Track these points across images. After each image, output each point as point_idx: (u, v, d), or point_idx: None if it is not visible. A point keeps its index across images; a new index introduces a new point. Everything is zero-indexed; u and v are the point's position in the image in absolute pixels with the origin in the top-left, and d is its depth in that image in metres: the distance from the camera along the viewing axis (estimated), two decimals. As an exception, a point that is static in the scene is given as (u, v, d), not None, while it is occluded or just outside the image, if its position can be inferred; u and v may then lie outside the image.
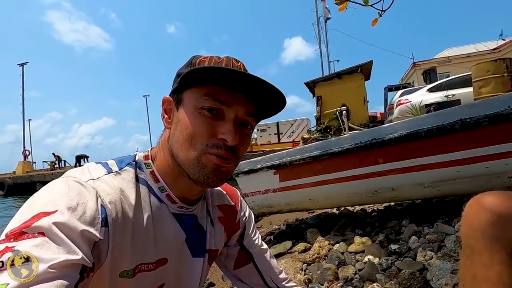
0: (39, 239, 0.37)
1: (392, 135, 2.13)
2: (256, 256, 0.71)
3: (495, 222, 0.58)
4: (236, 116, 0.51)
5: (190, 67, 0.52)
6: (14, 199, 15.47)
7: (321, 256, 2.30)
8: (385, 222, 2.64)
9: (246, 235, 0.72)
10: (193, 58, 0.54)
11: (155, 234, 0.53)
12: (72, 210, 0.41)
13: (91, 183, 0.47)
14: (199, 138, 0.50)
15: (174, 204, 0.56)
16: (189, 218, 0.59)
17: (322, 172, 2.56)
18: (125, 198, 0.49)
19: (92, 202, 0.44)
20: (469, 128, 1.86)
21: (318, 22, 15.96)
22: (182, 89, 0.52)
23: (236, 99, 0.51)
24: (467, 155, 1.91)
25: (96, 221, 0.43)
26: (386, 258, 1.91)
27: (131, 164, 0.55)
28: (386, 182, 2.27)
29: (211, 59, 0.53)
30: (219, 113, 0.51)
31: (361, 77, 5.93)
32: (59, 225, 0.39)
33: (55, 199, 0.42)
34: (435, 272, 1.48)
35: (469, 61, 14.50)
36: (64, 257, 0.37)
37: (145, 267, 0.52)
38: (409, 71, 18.75)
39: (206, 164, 0.51)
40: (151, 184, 0.55)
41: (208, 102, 0.50)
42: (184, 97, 0.52)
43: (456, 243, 1.76)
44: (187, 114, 0.51)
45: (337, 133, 5.66)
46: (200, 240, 0.62)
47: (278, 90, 0.51)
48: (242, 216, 0.72)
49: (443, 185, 2.10)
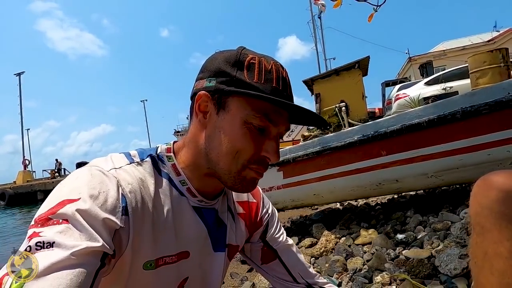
0: (63, 226, 0.39)
1: (394, 127, 2.16)
2: (281, 252, 0.70)
3: (503, 199, 0.60)
4: (278, 132, 0.53)
5: (236, 68, 0.50)
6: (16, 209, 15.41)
7: (329, 249, 2.32)
8: (389, 214, 2.66)
9: (269, 231, 0.71)
10: (241, 55, 0.51)
11: (176, 226, 0.53)
12: (94, 198, 0.42)
13: (113, 172, 0.48)
14: (245, 154, 0.51)
15: (194, 198, 0.56)
16: (210, 211, 0.60)
17: (326, 166, 2.58)
18: (145, 189, 0.50)
19: (113, 190, 0.45)
20: (470, 116, 1.89)
21: (313, 20, 16.01)
22: (228, 93, 0.50)
23: (282, 118, 0.52)
24: (469, 143, 1.94)
25: (117, 209, 0.44)
26: (393, 248, 1.93)
27: (152, 156, 0.55)
28: (389, 173, 2.29)
29: (260, 63, 0.51)
30: (266, 131, 0.52)
31: (358, 73, 5.97)
32: (81, 212, 0.40)
33: (79, 187, 0.44)
34: (443, 258, 1.50)
35: (464, 53, 14.57)
36: (86, 244, 0.38)
37: (169, 260, 0.52)
38: (405, 66, 18.83)
39: (246, 176, 0.53)
40: (172, 177, 0.55)
41: (260, 120, 0.50)
42: (229, 103, 0.50)
43: (462, 230, 1.78)
44: (233, 125, 0.50)
45: (337, 129, 5.69)
46: (221, 234, 0.62)
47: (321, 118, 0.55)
48: (265, 213, 0.72)
49: (447, 174, 2.12)
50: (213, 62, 0.53)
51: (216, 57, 0.54)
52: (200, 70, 0.55)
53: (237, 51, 0.52)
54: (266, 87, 0.49)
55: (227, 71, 0.50)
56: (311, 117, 0.54)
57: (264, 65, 0.51)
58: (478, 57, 4.47)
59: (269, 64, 0.51)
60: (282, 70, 0.53)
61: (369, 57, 5.99)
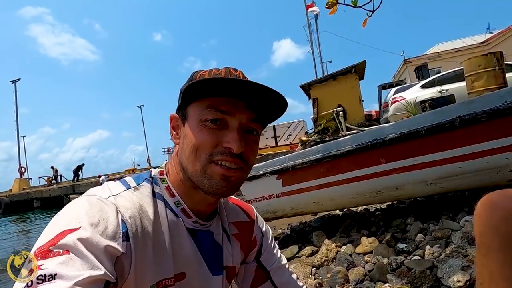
0: (64, 257, 0.39)
1: (393, 134, 2.16)
2: (274, 273, 0.69)
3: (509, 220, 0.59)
4: (240, 123, 0.52)
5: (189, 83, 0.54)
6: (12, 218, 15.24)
7: (329, 259, 2.31)
8: (389, 221, 2.65)
9: (264, 251, 0.71)
10: (194, 74, 0.56)
11: (173, 248, 0.53)
12: (95, 226, 0.43)
13: (112, 200, 0.48)
14: (204, 149, 0.51)
15: (189, 219, 0.57)
16: (205, 234, 0.60)
17: (325, 174, 2.57)
18: (144, 213, 0.50)
19: (113, 217, 0.45)
20: (468, 124, 1.90)
21: (309, 24, 16.12)
22: (186, 104, 0.54)
23: (238, 107, 0.52)
24: (468, 151, 1.94)
25: (117, 235, 0.44)
26: (394, 257, 1.92)
27: (148, 180, 0.56)
28: (389, 181, 2.29)
29: (210, 72, 0.54)
30: (223, 123, 0.52)
31: (355, 77, 6.00)
32: (83, 241, 0.40)
33: (78, 216, 0.44)
34: (445, 269, 1.49)
35: (459, 55, 14.73)
36: (88, 273, 0.38)
37: (168, 282, 0.52)
38: (400, 68, 18.97)
39: (212, 174, 0.51)
40: (167, 199, 0.56)
41: (211, 114, 0.51)
42: (188, 112, 0.54)
43: (463, 238, 1.78)
44: (191, 127, 0.52)
45: (334, 134, 5.70)
46: (217, 256, 0.62)
47: (278, 93, 0.51)
48: (259, 232, 0.71)
49: (446, 182, 2.12)
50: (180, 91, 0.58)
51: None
52: None
53: (192, 72, 0.57)
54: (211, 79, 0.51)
55: (183, 88, 0.54)
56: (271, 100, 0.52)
57: (213, 71, 0.54)
58: (473, 61, 4.51)
59: (219, 70, 0.55)
60: (234, 71, 0.55)
61: (366, 62, 6.03)
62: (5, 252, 6.67)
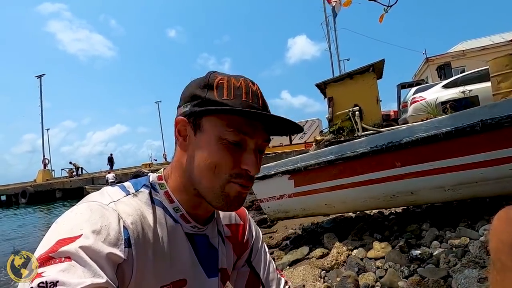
0: (65, 264, 0.38)
1: (409, 138, 2.09)
2: (265, 279, 0.70)
3: None
4: (256, 144, 0.53)
5: (207, 90, 0.52)
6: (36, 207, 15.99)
7: (340, 262, 2.27)
8: (404, 226, 2.58)
9: (254, 255, 0.72)
10: (210, 77, 0.53)
11: (172, 255, 0.54)
12: (97, 233, 0.43)
13: (113, 206, 0.48)
14: (223, 168, 0.51)
15: (187, 224, 0.57)
16: (201, 238, 0.60)
17: (338, 176, 2.53)
18: (144, 219, 0.51)
19: (115, 223, 0.45)
20: (490, 129, 1.81)
21: (326, 21, 15.78)
22: (201, 114, 0.52)
23: (257, 129, 0.52)
24: (490, 157, 1.85)
25: (119, 242, 0.44)
26: (407, 265, 1.87)
27: (146, 186, 0.56)
28: (404, 185, 2.22)
29: (228, 81, 0.53)
30: (241, 143, 0.52)
31: (373, 76, 5.84)
32: (85, 248, 0.40)
33: (79, 223, 0.43)
34: (460, 281, 1.43)
35: (485, 53, 14.03)
36: (90, 281, 0.38)
37: None
38: (422, 67, 18.30)
39: (229, 192, 0.53)
40: (166, 205, 0.56)
41: (232, 135, 0.50)
42: (204, 123, 0.52)
43: (481, 248, 1.70)
44: (209, 143, 0.51)
45: (350, 134, 5.59)
46: (213, 259, 0.62)
47: (296, 124, 0.54)
48: (250, 236, 0.72)
49: (465, 188, 2.04)
50: (187, 89, 0.56)
51: (190, 84, 0.56)
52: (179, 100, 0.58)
53: (207, 74, 0.55)
54: (236, 102, 0.51)
55: (198, 94, 0.53)
56: (287, 125, 0.55)
57: (233, 83, 0.52)
58: (499, 61, 4.30)
59: (238, 82, 0.53)
60: (252, 85, 0.54)
61: (384, 60, 5.85)
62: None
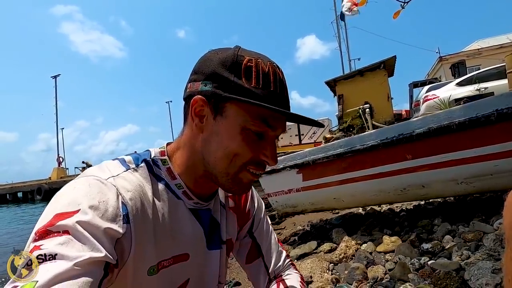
0: (64, 237, 0.38)
1: (421, 129, 2.04)
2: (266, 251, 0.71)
3: None
4: (275, 135, 0.53)
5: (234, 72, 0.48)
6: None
7: (348, 256, 2.24)
8: (415, 222, 2.52)
9: (256, 225, 0.72)
10: (238, 57, 0.49)
11: (173, 230, 0.53)
12: (95, 209, 0.42)
13: (111, 181, 0.47)
14: (242, 158, 0.51)
15: (190, 200, 0.57)
16: (205, 212, 0.60)
17: (347, 170, 2.50)
18: (144, 195, 0.50)
19: (113, 199, 0.45)
20: (506, 119, 1.75)
21: (337, 20, 15.67)
22: (226, 99, 0.49)
23: (280, 123, 0.52)
24: (506, 148, 1.79)
25: (118, 218, 0.44)
26: (418, 258, 1.82)
27: (147, 161, 0.54)
28: (415, 179, 2.17)
29: (257, 65, 0.49)
30: (263, 134, 0.52)
31: (384, 73, 5.76)
32: (82, 223, 0.40)
33: (77, 198, 0.43)
34: (473, 272, 1.39)
35: (501, 52, 13.59)
36: (89, 255, 0.38)
37: (166, 263, 0.53)
38: (435, 65, 17.92)
39: (243, 179, 0.53)
40: (168, 181, 0.55)
41: (257, 126, 0.50)
42: (227, 109, 0.49)
43: (496, 241, 1.64)
44: (231, 130, 0.50)
45: (360, 131, 5.52)
46: (215, 232, 0.62)
47: (318, 122, 0.55)
48: (252, 206, 0.72)
49: (479, 181, 1.98)
50: (207, 64, 0.51)
51: (211, 58, 0.51)
52: (193, 70, 0.53)
53: (233, 52, 0.50)
54: (264, 92, 0.49)
55: (223, 75, 0.49)
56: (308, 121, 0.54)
57: (261, 68, 0.49)
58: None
59: (266, 66, 0.50)
60: (279, 72, 0.52)
61: (395, 57, 5.75)
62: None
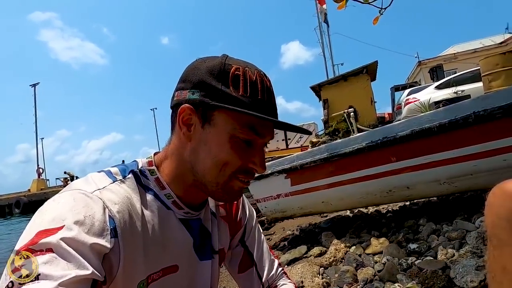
0: (47, 256, 0.36)
1: (403, 132, 2.11)
2: (258, 259, 0.70)
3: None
4: (264, 142, 0.54)
5: (221, 80, 0.48)
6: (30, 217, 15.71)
7: (338, 259, 2.26)
8: (401, 222, 2.58)
9: (248, 233, 0.71)
10: (225, 65, 0.49)
11: (164, 241, 0.52)
12: (80, 224, 0.40)
13: (98, 194, 0.45)
14: (232, 166, 0.51)
15: (180, 210, 0.55)
16: (196, 222, 0.59)
17: (334, 173, 2.53)
18: (132, 207, 0.48)
19: (100, 213, 0.43)
20: (483, 120, 1.83)
21: (320, 26, 16.01)
22: (214, 107, 0.49)
23: (269, 130, 0.52)
24: (483, 148, 1.87)
25: (105, 232, 0.42)
26: (405, 258, 1.86)
27: (135, 172, 0.53)
28: (400, 180, 2.23)
29: (244, 74, 0.49)
30: (252, 142, 0.51)
31: (367, 78, 5.92)
32: (67, 240, 0.38)
33: (61, 213, 0.41)
34: (458, 270, 1.43)
35: (476, 56, 14.28)
36: (74, 273, 0.36)
37: (156, 276, 0.51)
38: (415, 70, 18.58)
39: (233, 187, 0.53)
40: (156, 191, 0.53)
41: (246, 134, 0.49)
42: (215, 117, 0.49)
43: (478, 239, 1.70)
44: (219, 139, 0.49)
45: (345, 135, 5.62)
46: (206, 242, 0.61)
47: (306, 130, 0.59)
48: (243, 215, 0.72)
49: (460, 181, 2.05)
50: (195, 72, 0.51)
51: (198, 66, 0.51)
52: (180, 78, 0.53)
53: (221, 61, 0.50)
54: (252, 100, 0.49)
55: (211, 83, 0.49)
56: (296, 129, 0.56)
57: (249, 76, 0.50)
58: (490, 60, 4.36)
59: (253, 75, 0.50)
60: (266, 80, 0.52)
61: (377, 62, 5.94)
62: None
